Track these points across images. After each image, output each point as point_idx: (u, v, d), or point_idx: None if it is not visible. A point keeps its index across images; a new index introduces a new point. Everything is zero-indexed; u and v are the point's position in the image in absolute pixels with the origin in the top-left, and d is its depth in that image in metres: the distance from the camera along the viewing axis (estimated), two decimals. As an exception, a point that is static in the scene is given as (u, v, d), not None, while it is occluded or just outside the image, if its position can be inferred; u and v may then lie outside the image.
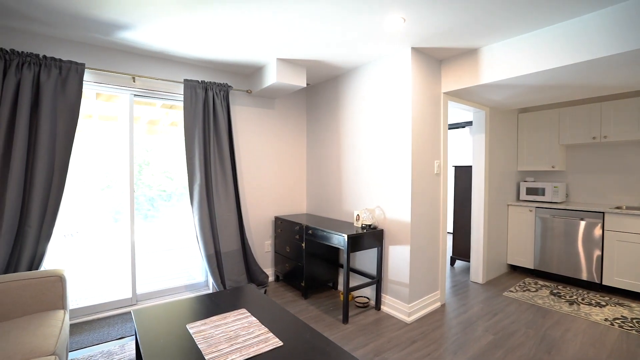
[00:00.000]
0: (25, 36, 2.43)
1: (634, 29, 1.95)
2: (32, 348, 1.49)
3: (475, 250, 3.69)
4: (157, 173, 3.13)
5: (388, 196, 2.91)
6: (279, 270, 3.62)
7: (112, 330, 2.56)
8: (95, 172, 2.84)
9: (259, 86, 3.27)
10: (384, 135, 2.94)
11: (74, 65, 2.48)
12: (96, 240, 2.88)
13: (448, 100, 3.08)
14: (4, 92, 2.26)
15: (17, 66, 2.30)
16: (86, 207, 2.81)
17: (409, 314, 2.73)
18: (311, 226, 3.05)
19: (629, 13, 1.96)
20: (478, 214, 3.66)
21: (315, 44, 2.62)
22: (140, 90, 2.92)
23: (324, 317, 2.78)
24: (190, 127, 3.00)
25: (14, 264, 2.33)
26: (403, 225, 2.78)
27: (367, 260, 3.16)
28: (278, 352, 1.44)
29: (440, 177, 3.03)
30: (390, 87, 2.87)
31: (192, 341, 1.52)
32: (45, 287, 1.95)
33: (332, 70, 3.31)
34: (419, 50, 2.75)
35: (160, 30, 2.41)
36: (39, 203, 2.37)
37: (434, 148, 2.96)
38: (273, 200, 3.75)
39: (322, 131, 3.75)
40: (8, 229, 2.26)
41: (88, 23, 2.29)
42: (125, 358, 2.20)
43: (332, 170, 3.58)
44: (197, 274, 3.39)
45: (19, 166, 2.28)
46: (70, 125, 2.49)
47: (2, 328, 1.66)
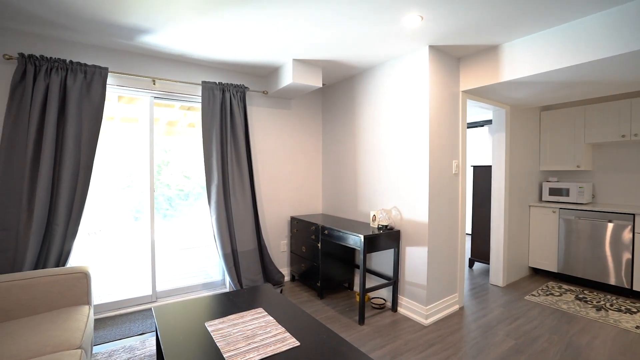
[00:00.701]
0: (54, 42, 2.53)
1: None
2: (61, 341, 1.55)
3: (495, 252, 3.59)
4: (175, 173, 3.20)
5: (405, 197, 2.87)
6: (295, 270, 3.63)
7: (133, 326, 2.63)
8: (117, 172, 2.92)
9: (275, 87, 3.29)
10: (401, 135, 2.91)
11: (98, 70, 2.57)
12: (117, 238, 2.97)
13: (467, 98, 3.01)
14: (34, 96, 2.36)
15: (46, 71, 2.40)
16: (108, 206, 2.90)
17: (427, 317, 2.68)
18: (327, 226, 3.04)
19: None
20: (498, 215, 3.56)
21: (332, 44, 2.61)
22: (160, 93, 3.00)
23: (340, 318, 2.77)
24: (207, 128, 3.05)
25: (43, 260, 2.43)
26: (420, 226, 2.73)
27: (384, 261, 3.12)
28: (295, 352, 1.44)
29: (458, 178, 2.97)
30: (407, 86, 2.83)
31: (210, 339, 1.54)
32: (71, 283, 2.03)
33: (347, 70, 3.29)
34: (436, 49, 2.70)
35: (180, 34, 2.46)
36: (65, 202, 2.46)
37: (452, 148, 2.90)
38: (289, 200, 3.77)
39: (337, 131, 3.74)
40: (37, 227, 2.36)
41: (112, 28, 2.37)
42: (146, 353, 2.25)
43: (348, 171, 3.57)
44: (214, 273, 3.44)
45: (47, 167, 2.38)
46: (95, 127, 2.58)
47: (33, 321, 1.74)
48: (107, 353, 2.26)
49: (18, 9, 2.08)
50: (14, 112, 2.34)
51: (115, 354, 2.25)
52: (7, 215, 2.33)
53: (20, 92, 2.35)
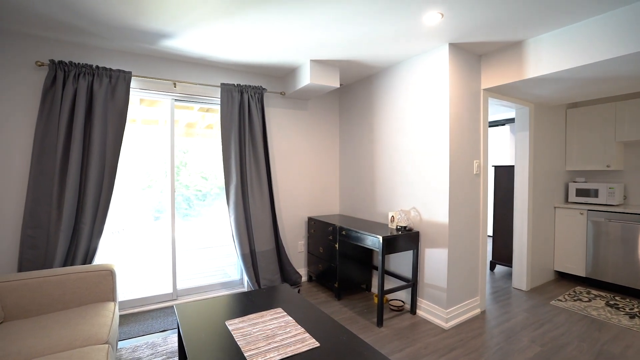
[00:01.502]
0: (81, 49, 2.64)
1: None
2: (89, 335, 1.61)
3: (519, 255, 3.47)
4: (193, 174, 3.26)
5: (424, 197, 2.82)
6: (312, 270, 3.63)
7: (155, 323, 2.70)
8: (138, 173, 3.00)
9: (293, 88, 3.31)
10: (420, 135, 2.86)
11: (122, 74, 2.66)
12: (138, 237, 3.05)
13: (488, 97, 2.93)
14: (63, 101, 2.47)
15: (74, 76, 2.50)
16: (130, 206, 2.99)
17: (447, 320, 2.62)
18: (345, 227, 3.03)
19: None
20: (521, 216, 3.44)
21: (350, 43, 2.60)
22: (181, 95, 3.07)
23: (358, 320, 2.75)
24: (226, 129, 3.10)
25: (71, 257, 2.53)
26: (440, 227, 2.68)
27: (402, 262, 3.08)
28: (315, 353, 1.43)
29: (480, 178, 2.89)
30: (427, 85, 2.78)
31: (231, 338, 1.56)
32: (98, 280, 2.10)
33: (365, 70, 3.27)
34: (457, 46, 2.64)
35: (201, 38, 2.51)
36: (92, 202, 2.56)
37: (474, 147, 2.83)
38: (306, 201, 3.78)
39: (355, 131, 3.72)
40: (66, 226, 2.46)
41: (136, 34, 2.44)
42: (168, 350, 2.30)
43: (366, 171, 3.54)
44: (232, 272, 3.49)
45: (75, 168, 2.48)
46: (119, 129, 2.67)
47: (64, 315, 1.81)
48: (131, 348, 2.32)
49: (49, 18, 2.18)
50: (45, 116, 2.44)
51: (139, 349, 2.31)
52: (39, 214, 2.44)
53: (51, 97, 2.46)
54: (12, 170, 2.44)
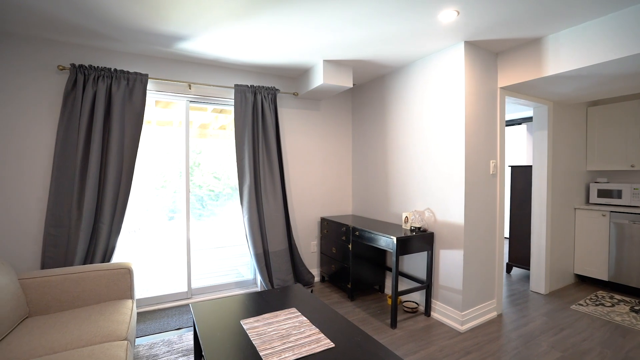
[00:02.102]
0: (100, 52, 2.71)
1: None
2: (109, 332, 1.65)
3: (537, 257, 3.38)
4: (206, 174, 3.30)
5: (439, 198, 2.78)
6: (325, 271, 3.63)
7: (170, 321, 2.74)
8: (152, 173, 3.06)
9: (306, 88, 3.32)
10: (435, 134, 2.82)
11: (139, 76, 2.71)
12: (153, 236, 3.11)
13: (505, 95, 2.86)
14: (83, 103, 2.53)
15: (94, 79, 2.57)
16: (144, 205, 3.05)
17: (462, 323, 2.57)
18: (358, 227, 3.01)
19: None
20: (539, 218, 3.35)
21: (364, 43, 2.59)
22: (195, 97, 3.11)
23: (371, 321, 2.73)
24: (240, 129, 3.12)
25: (91, 255, 2.60)
26: (455, 228, 2.63)
27: (416, 264, 3.04)
28: (330, 354, 1.43)
29: (496, 178, 2.83)
30: (441, 84, 2.74)
31: (246, 337, 1.57)
32: (116, 278, 2.15)
33: (378, 69, 3.25)
34: (473, 44, 2.59)
35: (215, 40, 2.54)
36: (110, 201, 2.62)
37: (490, 147, 2.77)
38: (319, 201, 3.78)
39: (368, 131, 3.70)
40: (86, 225, 2.52)
41: (152, 37, 2.49)
42: (184, 347, 2.34)
43: (379, 171, 3.52)
44: (246, 272, 3.52)
45: (95, 168, 2.55)
46: (136, 130, 2.73)
47: (84, 312, 1.86)
48: (148, 345, 2.37)
49: (71, 23, 2.24)
50: (66, 118, 2.52)
51: (155, 346, 2.35)
52: (60, 213, 2.51)
53: (71, 100, 2.53)
54: (36, 171, 2.53)
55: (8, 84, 2.43)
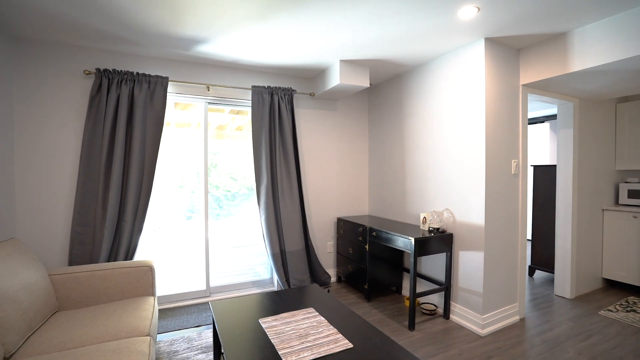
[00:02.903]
0: (122, 57, 2.80)
1: None
2: (133, 328, 1.69)
3: (561, 260, 3.26)
4: (222, 175, 3.35)
5: (458, 198, 2.73)
6: (341, 271, 3.62)
7: (190, 318, 2.80)
8: (171, 174, 3.13)
9: (322, 89, 3.32)
10: (454, 134, 2.76)
11: (160, 79, 2.79)
12: (172, 236, 3.17)
13: (528, 93, 2.77)
14: (107, 106, 2.62)
15: (117, 83, 2.66)
16: (163, 205, 3.12)
17: (483, 326, 2.51)
18: (375, 228, 2.99)
19: None
20: (564, 219, 3.23)
21: (381, 42, 2.56)
22: (213, 98, 3.17)
23: (389, 322, 2.70)
24: (257, 130, 3.16)
25: (114, 253, 2.68)
26: (476, 229, 2.57)
27: (434, 265, 2.99)
28: (348, 354, 1.42)
29: (518, 178, 2.75)
30: (461, 82, 2.69)
31: (265, 335, 1.58)
32: (139, 275, 2.21)
33: (395, 68, 3.21)
34: (493, 41, 2.53)
35: (232, 42, 2.58)
36: (132, 201, 2.70)
37: (512, 146, 2.69)
38: (335, 202, 3.78)
39: (384, 131, 3.67)
40: (110, 224, 2.61)
41: (172, 40, 2.55)
42: (203, 344, 2.38)
43: (396, 171, 3.48)
44: (262, 271, 3.55)
45: (118, 169, 2.63)
46: (157, 132, 2.80)
47: (109, 308, 1.92)
48: (168, 341, 2.42)
49: (96, 29, 2.33)
50: (92, 121, 2.61)
51: (176, 343, 2.41)
52: (86, 212, 2.61)
53: (96, 103, 2.63)
54: (64, 171, 2.63)
55: (38, 89, 2.54)
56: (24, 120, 2.51)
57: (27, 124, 2.52)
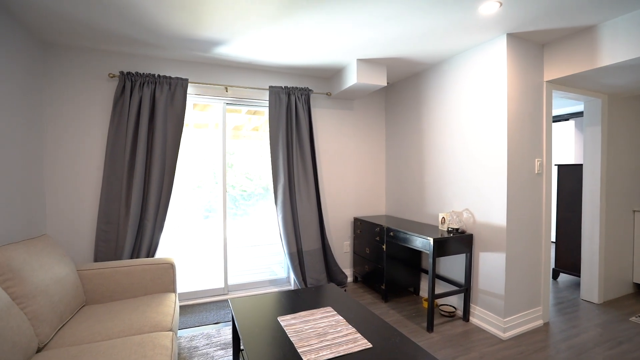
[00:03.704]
0: (144, 59, 2.88)
1: None
2: (156, 323, 1.74)
3: (588, 263, 3.13)
4: (238, 175, 3.39)
5: (479, 198, 2.66)
6: (358, 271, 3.60)
7: (209, 315, 2.85)
8: (188, 174, 3.19)
9: (339, 88, 3.31)
10: (474, 132, 2.70)
11: (180, 81, 2.85)
12: (189, 234, 3.23)
13: (552, 89, 2.68)
14: (130, 108, 2.71)
15: (140, 85, 2.74)
16: (182, 204, 3.18)
17: (504, 330, 2.44)
18: (393, 228, 2.96)
19: None
20: (592, 221, 3.10)
21: (399, 40, 2.54)
22: (231, 99, 3.22)
23: (407, 323, 2.67)
24: (274, 130, 3.18)
25: (137, 250, 2.76)
26: (497, 230, 2.51)
27: (453, 266, 2.93)
28: (368, 354, 1.41)
29: (542, 178, 2.66)
30: (481, 79, 2.62)
31: (284, 333, 1.59)
32: (160, 272, 2.27)
33: (413, 67, 3.17)
34: (516, 36, 2.46)
35: (250, 43, 2.61)
36: (154, 200, 2.77)
37: (535, 145, 2.61)
38: (352, 201, 3.76)
39: (402, 130, 3.62)
40: (133, 222, 2.69)
41: (192, 43, 2.61)
42: (222, 341, 2.42)
43: (414, 171, 3.43)
44: (279, 270, 3.57)
45: (140, 169, 2.71)
46: (177, 133, 2.86)
47: (133, 303, 1.98)
48: (188, 337, 2.48)
49: (119, 33, 2.41)
50: (116, 122, 2.70)
51: (195, 339, 2.46)
52: (111, 210, 2.70)
53: (120, 105, 2.72)
54: (90, 171, 2.74)
55: (66, 92, 2.65)
56: (52, 123, 2.62)
57: (56, 126, 2.63)
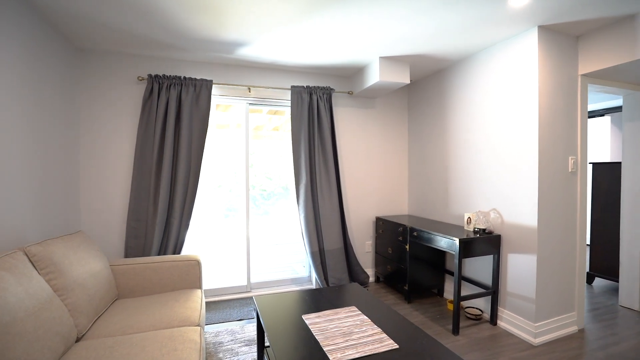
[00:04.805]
0: (171, 62, 2.97)
1: None
2: (184, 317, 1.79)
3: (627, 267, 2.95)
4: (258, 174, 3.43)
5: (507, 198, 2.57)
6: (380, 271, 3.56)
7: (232, 312, 2.90)
8: (210, 174, 3.25)
9: (361, 87, 3.29)
10: (502, 129, 2.61)
11: (204, 82, 2.92)
12: (211, 233, 3.30)
13: (587, 83, 2.54)
14: (158, 109, 2.80)
15: (167, 87, 2.82)
16: (204, 203, 3.25)
17: (535, 335, 2.34)
18: (417, 228, 2.90)
19: None
20: (631, 222, 2.92)
21: (423, 37, 2.48)
22: (254, 99, 3.26)
23: (431, 325, 2.61)
24: (296, 130, 3.20)
25: (164, 247, 2.85)
26: (527, 231, 2.41)
27: (479, 268, 2.84)
28: (394, 355, 1.39)
29: (576, 177, 2.53)
30: (510, 75, 2.53)
31: (308, 331, 1.60)
32: (187, 268, 2.33)
33: (437, 63, 3.10)
34: (548, 28, 2.35)
35: (272, 43, 2.64)
36: (180, 198, 2.85)
37: (568, 142, 2.48)
38: (374, 201, 3.73)
39: (425, 128, 3.55)
40: (160, 219, 2.78)
41: (216, 45, 2.66)
42: (245, 337, 2.46)
43: (438, 170, 3.36)
44: (300, 269, 3.59)
45: (167, 168, 2.79)
46: (202, 133, 2.93)
47: (162, 298, 2.04)
48: (213, 333, 2.53)
49: (147, 37, 2.49)
50: (144, 123, 2.80)
51: (220, 335, 2.51)
52: (140, 208, 2.80)
53: (148, 106, 2.81)
54: (121, 171, 2.85)
55: (99, 96, 2.78)
56: (87, 125, 2.75)
57: (90, 128, 2.76)
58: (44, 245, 1.62)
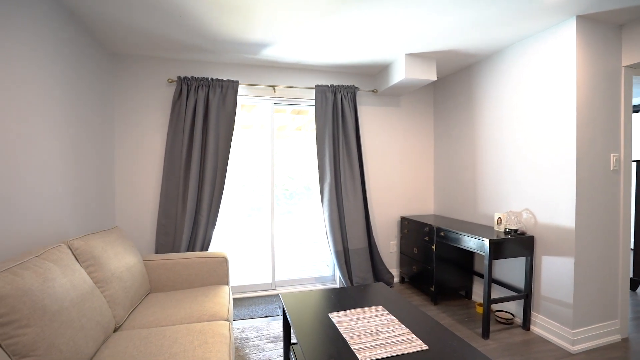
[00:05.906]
0: (198, 64, 3.06)
1: None
2: (214, 312, 1.84)
3: (676, 273, 2.73)
4: (281, 174, 3.45)
5: (541, 198, 2.45)
6: (405, 271, 3.50)
7: (257, 309, 2.94)
8: (235, 173, 3.31)
9: (385, 85, 3.25)
10: (536, 126, 2.49)
11: (231, 83, 2.98)
12: (237, 231, 3.36)
13: (632, 75, 2.38)
14: (187, 110, 2.89)
15: (195, 89, 2.91)
16: (229, 202, 3.31)
17: (573, 342, 2.22)
18: (444, 228, 2.83)
19: None
20: (681, 224, 2.70)
21: (450, 32, 2.41)
22: (279, 99, 3.30)
23: (459, 328, 2.54)
24: (320, 129, 3.21)
25: (192, 244, 2.94)
26: (564, 232, 2.29)
27: (510, 270, 2.73)
28: (424, 356, 1.36)
29: (619, 175, 2.37)
30: (543, 69, 2.41)
31: (335, 329, 1.59)
32: (215, 265, 2.39)
33: (465, 59, 3.01)
34: (587, 18, 2.22)
35: (297, 43, 2.65)
36: (207, 196, 2.93)
37: (610, 138, 2.33)
38: (399, 200, 3.67)
39: (452, 126, 3.46)
40: (189, 217, 2.87)
41: (241, 46, 2.72)
42: (271, 334, 2.49)
43: (465, 168, 3.25)
44: (323, 268, 3.59)
45: (195, 167, 2.88)
46: (228, 132, 3.00)
47: (192, 293, 2.11)
48: (240, 329, 2.58)
49: (176, 41, 2.58)
50: (173, 124, 2.90)
51: (246, 330, 2.55)
52: (169, 206, 2.90)
53: (177, 108, 2.91)
54: (152, 169, 2.97)
55: (132, 98, 2.90)
56: (121, 126, 2.89)
57: (123, 129, 2.89)
58: (85, 239, 1.71)
